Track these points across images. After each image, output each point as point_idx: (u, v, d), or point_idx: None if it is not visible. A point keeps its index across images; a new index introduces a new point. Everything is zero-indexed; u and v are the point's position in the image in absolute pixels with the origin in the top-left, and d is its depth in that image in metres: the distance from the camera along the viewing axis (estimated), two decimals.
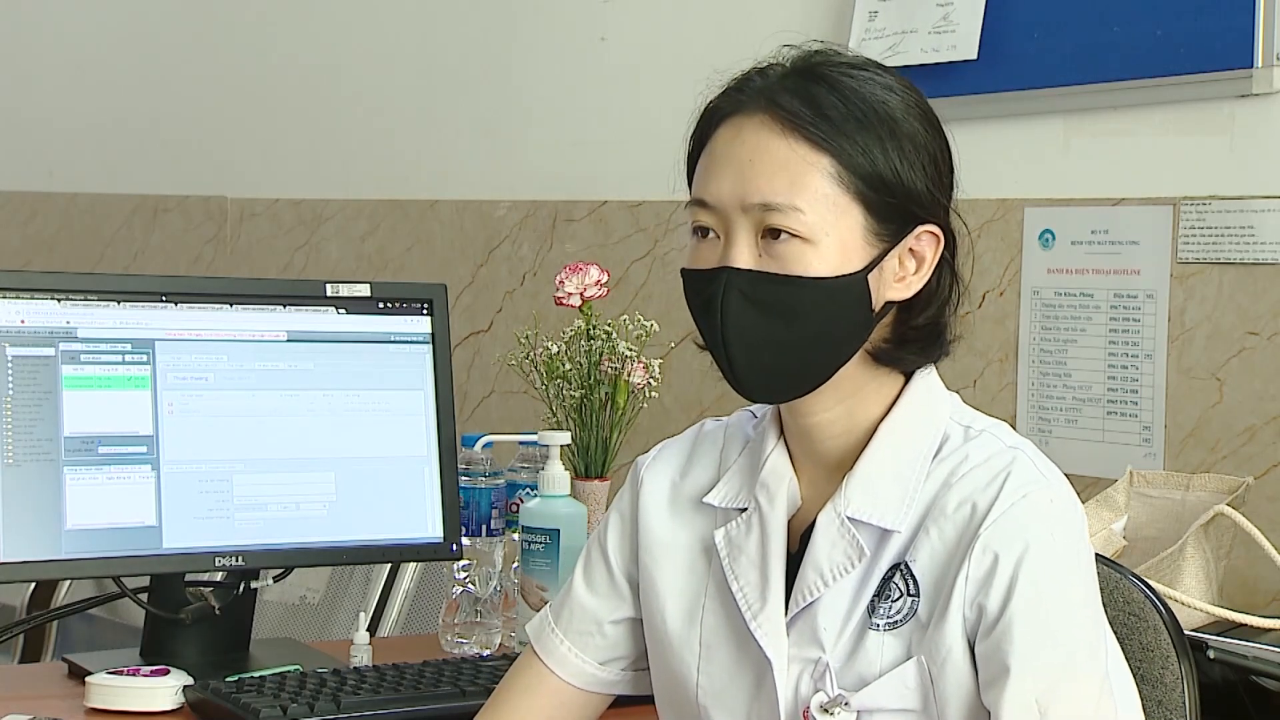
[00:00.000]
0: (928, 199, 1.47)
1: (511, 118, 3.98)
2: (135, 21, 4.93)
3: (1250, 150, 2.79)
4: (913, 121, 1.47)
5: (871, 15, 3.22)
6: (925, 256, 1.49)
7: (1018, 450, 1.48)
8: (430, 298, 2.27)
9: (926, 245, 1.49)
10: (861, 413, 1.51)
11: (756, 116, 1.46)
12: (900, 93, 1.48)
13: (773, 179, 1.43)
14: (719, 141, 1.48)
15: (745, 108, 1.47)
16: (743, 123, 1.47)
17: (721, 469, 1.60)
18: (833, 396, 1.49)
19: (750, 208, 1.44)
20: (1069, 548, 1.45)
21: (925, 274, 1.49)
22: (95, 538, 2.05)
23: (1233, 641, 2.28)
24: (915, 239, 1.48)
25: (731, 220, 1.46)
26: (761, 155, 1.44)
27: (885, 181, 1.44)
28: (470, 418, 3.89)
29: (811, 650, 1.49)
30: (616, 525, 1.65)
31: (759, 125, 1.45)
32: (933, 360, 1.53)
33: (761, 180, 1.44)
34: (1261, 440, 2.77)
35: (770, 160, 1.44)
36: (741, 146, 1.46)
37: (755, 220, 1.44)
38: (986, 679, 1.43)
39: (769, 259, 1.44)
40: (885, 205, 1.45)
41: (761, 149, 1.45)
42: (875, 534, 1.48)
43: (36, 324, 2.05)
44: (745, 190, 1.44)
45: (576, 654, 1.64)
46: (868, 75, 1.48)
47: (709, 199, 1.47)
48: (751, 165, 1.45)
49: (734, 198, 1.45)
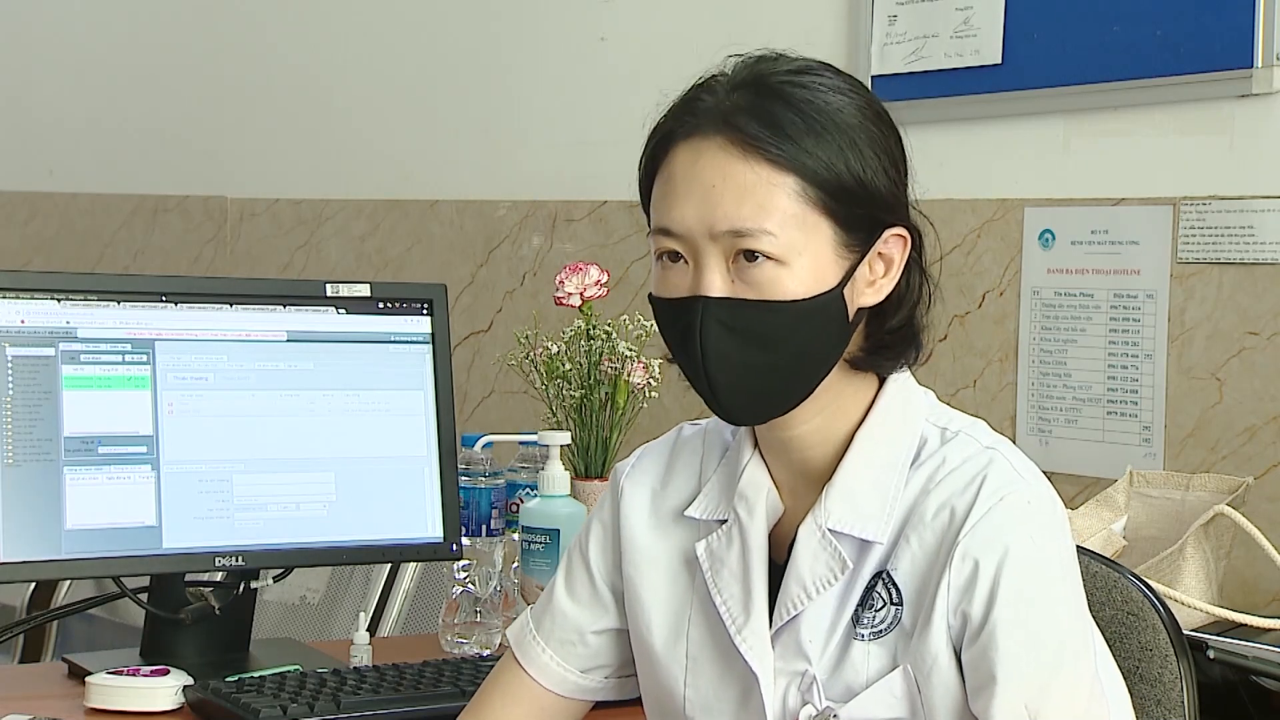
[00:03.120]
0: (893, 200, 1.46)
1: (512, 118, 3.98)
2: (135, 21, 4.93)
3: (1250, 150, 2.79)
4: (868, 124, 1.44)
5: (891, 20, 3.22)
6: (894, 259, 1.47)
7: (994, 450, 1.46)
8: (430, 298, 2.27)
9: (894, 247, 1.47)
10: (839, 421, 1.49)
11: (714, 139, 1.42)
12: (851, 95, 1.45)
13: (739, 204, 1.40)
14: (677, 167, 1.44)
15: (700, 130, 1.43)
16: (700, 146, 1.43)
17: (702, 480, 1.58)
18: (811, 409, 1.48)
19: (719, 235, 1.41)
20: (1049, 548, 1.44)
21: (895, 276, 1.47)
22: (95, 538, 2.05)
23: (1232, 641, 2.28)
24: (883, 243, 1.46)
25: (700, 248, 1.42)
26: (724, 180, 1.41)
27: (850, 191, 1.42)
28: (470, 418, 3.89)
29: (797, 662, 1.48)
30: (598, 534, 1.63)
31: (717, 149, 1.42)
32: (909, 362, 1.52)
33: (728, 206, 1.40)
34: (1261, 440, 2.77)
35: (734, 185, 1.41)
36: (702, 172, 1.42)
37: (725, 246, 1.41)
38: (974, 686, 1.42)
39: (742, 285, 1.41)
40: (853, 215, 1.43)
41: (724, 174, 1.41)
42: (857, 545, 1.47)
43: (36, 324, 2.05)
44: (712, 217, 1.41)
45: (558, 662, 1.62)
46: (817, 80, 1.45)
47: (674, 228, 1.43)
48: (715, 191, 1.41)
49: (701, 225, 1.42)
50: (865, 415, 1.50)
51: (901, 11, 3.22)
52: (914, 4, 3.20)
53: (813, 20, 3.33)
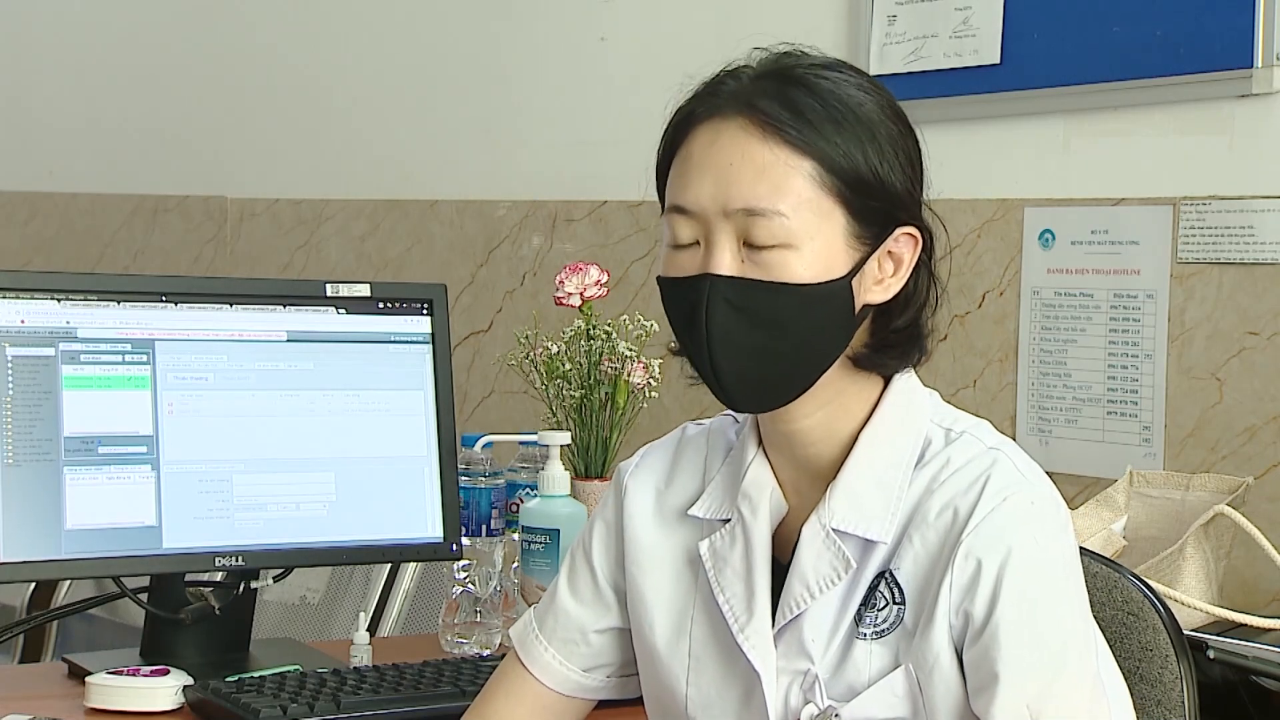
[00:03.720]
0: (907, 199, 1.46)
1: (512, 118, 3.98)
2: (135, 21, 4.93)
3: (1250, 150, 2.79)
4: (888, 121, 1.45)
5: (890, 20, 3.22)
6: (904, 258, 1.47)
7: (998, 451, 1.47)
8: (430, 298, 2.27)
9: (905, 247, 1.47)
10: (842, 419, 1.50)
11: (734, 120, 1.43)
12: (873, 93, 1.47)
13: (755, 183, 1.41)
14: (696, 146, 1.45)
15: (721, 111, 1.44)
16: (720, 126, 1.44)
17: (705, 479, 1.58)
18: (813, 403, 1.48)
19: (732, 213, 1.42)
20: (1052, 549, 1.44)
21: (904, 276, 1.48)
22: (95, 538, 2.05)
23: (1232, 641, 2.28)
24: (894, 241, 1.46)
25: (712, 226, 1.43)
26: (742, 159, 1.42)
27: (866, 183, 1.43)
28: (470, 418, 3.89)
29: (800, 662, 1.48)
30: (601, 533, 1.63)
31: (737, 129, 1.43)
32: (913, 364, 1.52)
33: (744, 185, 1.41)
34: (1261, 440, 2.77)
35: (751, 164, 1.42)
36: (721, 151, 1.43)
37: (737, 226, 1.42)
38: (975, 686, 1.42)
39: (752, 265, 1.42)
40: (867, 207, 1.44)
41: (742, 153, 1.42)
42: (860, 544, 1.47)
43: (36, 324, 2.05)
44: (727, 195, 1.42)
45: (561, 661, 1.63)
46: (840, 76, 1.46)
47: (689, 205, 1.44)
48: (732, 169, 1.42)
49: (715, 203, 1.43)
50: (870, 415, 1.50)
51: (901, 11, 3.22)
52: (913, 4, 3.20)
53: (812, 20, 3.33)
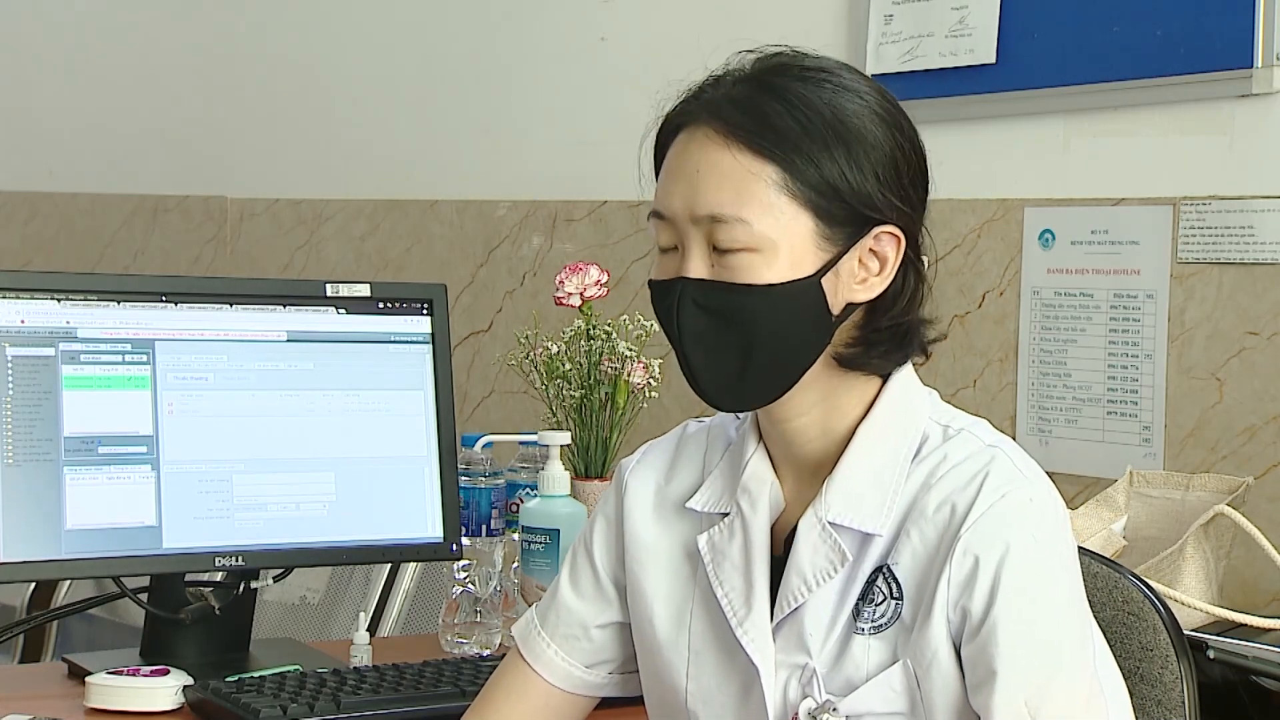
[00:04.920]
0: (881, 202, 1.46)
1: (511, 118, 3.98)
2: (135, 21, 4.94)
3: (1250, 150, 2.79)
4: (866, 125, 1.46)
5: (887, 19, 3.22)
6: (888, 257, 1.48)
7: (996, 448, 1.47)
8: (430, 298, 2.27)
9: (888, 246, 1.48)
10: (838, 416, 1.51)
11: (703, 128, 1.47)
12: (864, 95, 1.47)
13: (719, 190, 1.44)
14: (672, 153, 1.50)
15: (694, 119, 1.48)
16: (692, 134, 1.48)
17: (705, 473, 1.59)
18: (806, 400, 1.49)
19: (700, 219, 1.45)
20: (1050, 546, 1.44)
21: (888, 275, 1.49)
22: (95, 538, 2.05)
23: (1233, 641, 2.28)
24: (874, 240, 1.47)
25: (685, 231, 1.47)
26: (707, 167, 1.46)
27: (834, 187, 1.44)
28: (470, 418, 3.89)
29: (798, 655, 1.49)
30: (602, 529, 1.65)
31: (704, 137, 1.46)
32: (902, 362, 1.53)
33: (709, 192, 1.45)
34: (1261, 440, 2.77)
35: (715, 172, 1.45)
36: (689, 158, 1.47)
37: (705, 231, 1.45)
38: (974, 682, 1.42)
39: (721, 268, 1.45)
40: (835, 210, 1.45)
41: (707, 161, 1.46)
42: (857, 538, 1.48)
43: (36, 324, 2.05)
44: (694, 202, 1.46)
45: (563, 658, 1.64)
46: (824, 78, 1.47)
47: (664, 211, 1.48)
48: (699, 176, 1.46)
49: (684, 210, 1.46)
50: (867, 412, 1.51)
51: (897, 11, 3.22)
52: (910, 3, 3.20)
53: (810, 20, 3.34)
